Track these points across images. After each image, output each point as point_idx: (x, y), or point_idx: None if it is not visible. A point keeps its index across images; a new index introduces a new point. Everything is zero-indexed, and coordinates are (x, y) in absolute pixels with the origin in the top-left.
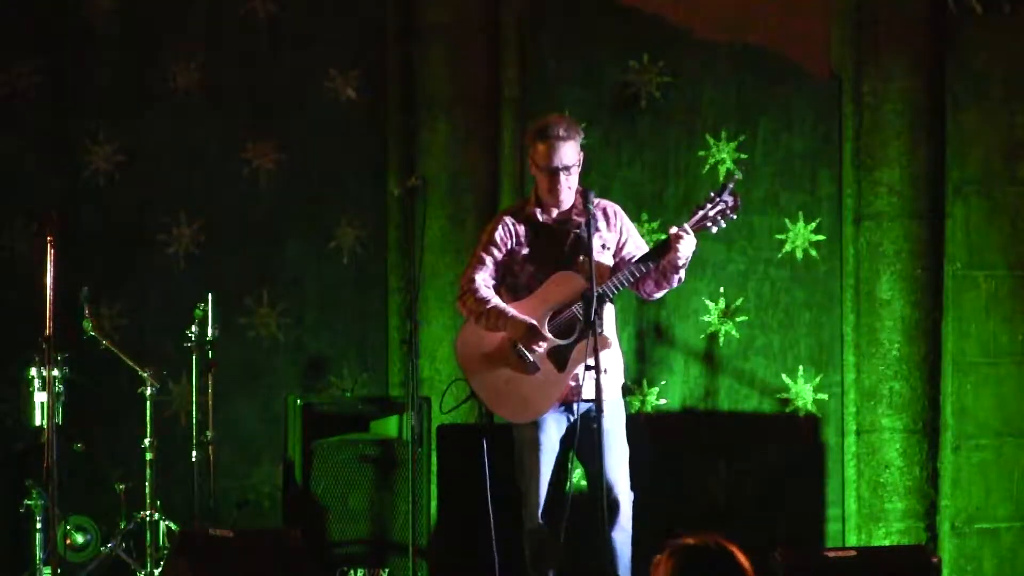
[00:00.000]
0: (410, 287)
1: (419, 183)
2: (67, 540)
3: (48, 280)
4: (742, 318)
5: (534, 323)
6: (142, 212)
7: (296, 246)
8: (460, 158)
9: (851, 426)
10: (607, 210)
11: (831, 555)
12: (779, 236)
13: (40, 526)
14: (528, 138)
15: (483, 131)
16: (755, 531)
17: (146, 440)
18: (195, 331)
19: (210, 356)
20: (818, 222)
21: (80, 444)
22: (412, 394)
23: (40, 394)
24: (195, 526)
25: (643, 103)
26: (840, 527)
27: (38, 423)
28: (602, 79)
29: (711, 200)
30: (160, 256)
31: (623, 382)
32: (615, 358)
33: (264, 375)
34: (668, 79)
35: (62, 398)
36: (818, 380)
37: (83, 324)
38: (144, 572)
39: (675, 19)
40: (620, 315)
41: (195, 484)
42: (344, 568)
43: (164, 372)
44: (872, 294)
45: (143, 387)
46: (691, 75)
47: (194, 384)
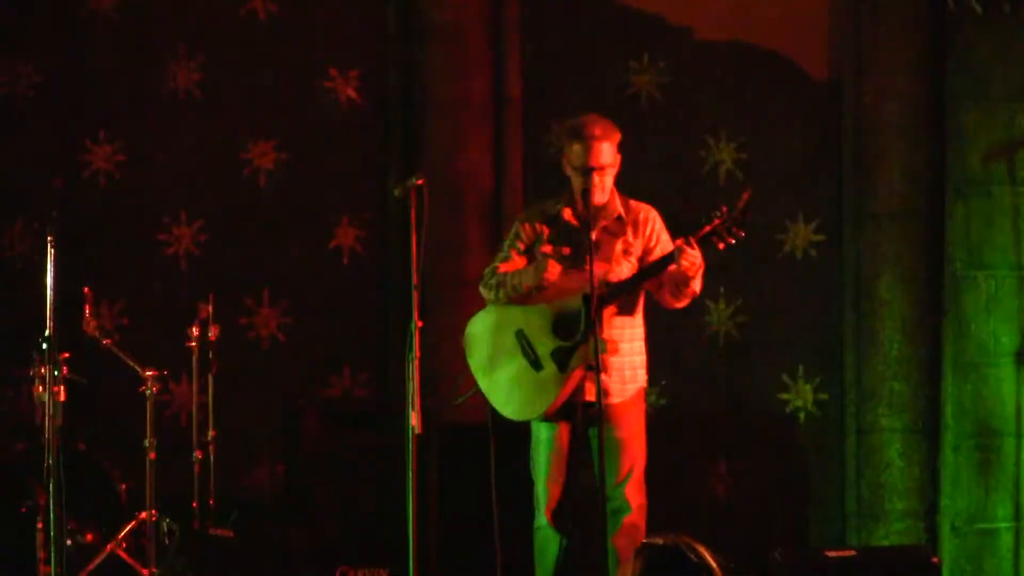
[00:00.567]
0: (410, 287)
1: (419, 183)
2: (68, 540)
3: (48, 280)
4: (742, 318)
5: (546, 257)
6: (142, 212)
7: (296, 246)
8: (460, 158)
9: (851, 426)
10: (639, 216)
11: (831, 555)
12: (779, 236)
13: (41, 526)
14: (563, 136)
15: (483, 131)
16: (755, 531)
17: (146, 440)
18: (195, 331)
19: (210, 356)
20: (818, 222)
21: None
22: (412, 394)
23: (40, 394)
24: (195, 526)
25: (643, 103)
26: (840, 527)
27: (39, 423)
28: (602, 79)
29: (722, 215)
30: (160, 256)
31: (641, 386)
32: (629, 363)
33: (264, 375)
34: (668, 79)
35: (63, 398)
36: (818, 380)
37: (83, 324)
38: (144, 572)
39: (675, 19)
40: None
41: (195, 484)
42: (344, 568)
43: (164, 372)
44: (872, 294)
45: (143, 387)
46: (691, 75)
47: (194, 384)
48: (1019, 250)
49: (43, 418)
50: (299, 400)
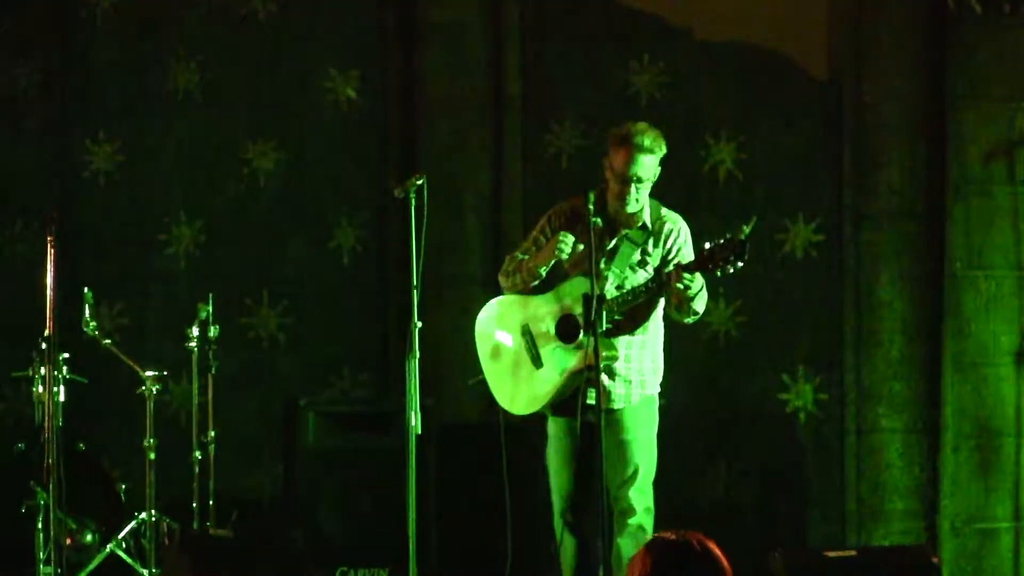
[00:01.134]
0: (410, 287)
1: (419, 183)
2: (68, 539)
3: (48, 280)
4: (742, 318)
5: (561, 235)
6: (142, 212)
7: (296, 246)
8: (460, 158)
9: (851, 426)
10: (664, 226)
11: (831, 555)
12: (779, 236)
13: (41, 526)
14: (611, 140)
15: (483, 131)
16: (755, 531)
17: (146, 440)
18: (195, 331)
19: (210, 356)
20: (818, 222)
21: (82, 444)
22: (412, 394)
23: (41, 394)
24: (195, 526)
25: (643, 103)
26: (840, 527)
27: (39, 422)
28: (602, 79)
29: (721, 247)
30: (160, 256)
31: (651, 393)
32: (638, 369)
33: (264, 375)
34: (668, 79)
35: (62, 398)
36: (818, 380)
37: (83, 324)
38: (144, 572)
39: (675, 19)
40: None
41: (195, 484)
42: (344, 568)
43: (164, 372)
44: (872, 294)
45: (143, 387)
46: (691, 75)
47: (194, 384)
48: (1019, 250)
49: (43, 418)
50: (299, 400)
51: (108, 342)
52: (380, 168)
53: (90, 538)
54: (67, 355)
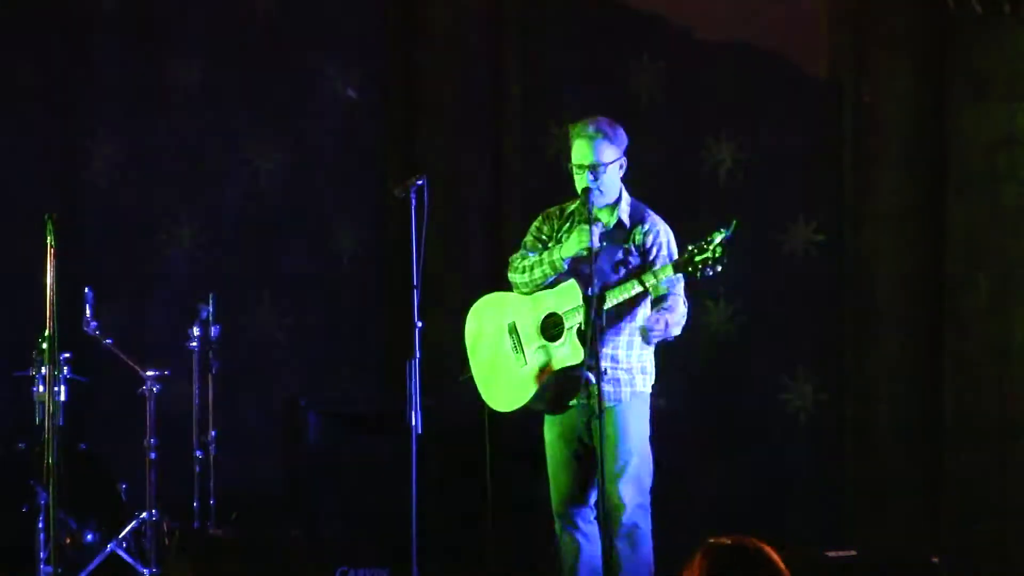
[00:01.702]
0: (410, 287)
1: (419, 183)
2: (68, 539)
3: (48, 280)
4: (742, 318)
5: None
6: (142, 212)
7: (297, 246)
8: (460, 158)
9: (851, 426)
10: (644, 227)
11: (831, 555)
12: (779, 236)
13: (42, 525)
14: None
15: (483, 131)
16: (755, 531)
17: (146, 440)
18: (196, 331)
19: (211, 356)
20: (818, 222)
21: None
22: (412, 394)
23: (41, 394)
24: (195, 526)
25: (643, 103)
26: (840, 527)
27: (39, 423)
28: (602, 79)
29: (700, 248)
30: (160, 256)
31: (641, 391)
32: (626, 368)
33: (264, 375)
34: (668, 79)
35: (63, 398)
36: (818, 380)
37: (84, 324)
38: (144, 572)
39: (675, 19)
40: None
41: (195, 484)
42: (344, 568)
43: (164, 372)
44: (872, 294)
45: (143, 387)
46: (691, 75)
47: (194, 384)
48: (1019, 250)
49: (43, 418)
50: (299, 400)
51: (109, 342)
52: (380, 168)
53: (90, 538)
54: (68, 355)
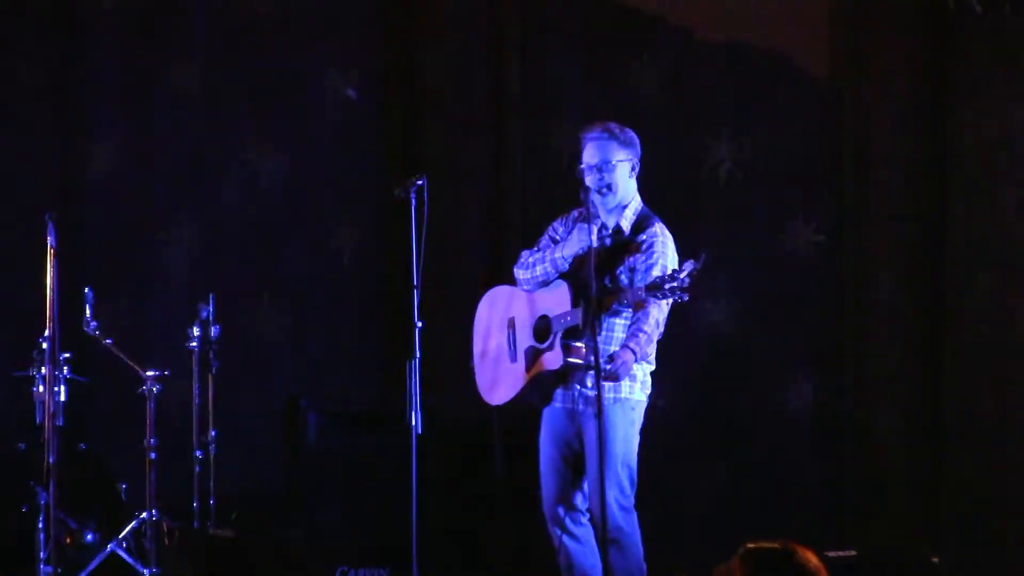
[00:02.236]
0: (411, 287)
1: (419, 183)
2: (68, 539)
3: (48, 280)
4: (742, 318)
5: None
6: (142, 212)
7: (297, 246)
8: (460, 158)
9: (851, 426)
10: (642, 234)
11: (831, 555)
12: (779, 236)
13: (42, 525)
14: None
15: (483, 131)
16: (755, 531)
17: (146, 440)
18: (196, 331)
19: (211, 356)
20: (818, 222)
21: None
22: (413, 394)
23: (41, 394)
24: (195, 526)
25: (643, 103)
26: (840, 527)
27: (39, 423)
28: (602, 79)
29: (670, 276)
30: (160, 256)
31: (621, 395)
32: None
33: (264, 375)
34: (668, 79)
35: (63, 398)
36: (818, 380)
37: (84, 324)
38: (144, 572)
39: (675, 19)
40: None
41: (195, 484)
42: (344, 568)
43: (164, 372)
44: (872, 294)
45: (143, 387)
46: (691, 75)
47: (194, 384)
48: (1019, 249)
49: (43, 418)
50: (300, 400)
51: (109, 342)
52: (380, 168)
53: (90, 538)
54: (68, 355)
